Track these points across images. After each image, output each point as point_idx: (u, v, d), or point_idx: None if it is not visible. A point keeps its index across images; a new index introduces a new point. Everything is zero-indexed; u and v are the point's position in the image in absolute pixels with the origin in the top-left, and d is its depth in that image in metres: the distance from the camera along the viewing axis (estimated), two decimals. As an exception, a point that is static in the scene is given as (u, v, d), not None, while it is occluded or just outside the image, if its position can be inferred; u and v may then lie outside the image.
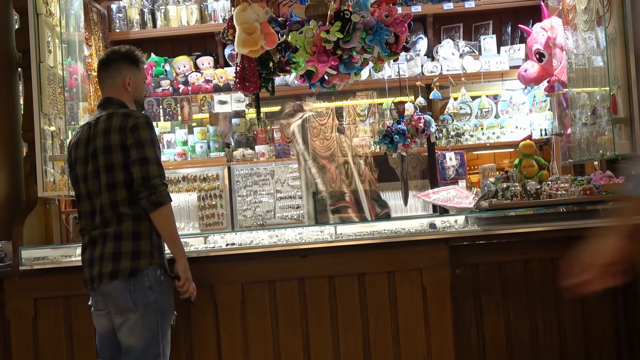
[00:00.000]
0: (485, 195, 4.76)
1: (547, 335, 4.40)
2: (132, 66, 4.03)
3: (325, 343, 4.38)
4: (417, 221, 4.70)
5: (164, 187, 3.77)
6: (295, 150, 6.43)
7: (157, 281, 3.77)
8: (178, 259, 3.86)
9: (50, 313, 4.42)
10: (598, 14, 4.93)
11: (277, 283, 4.40)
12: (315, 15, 4.60)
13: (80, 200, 3.91)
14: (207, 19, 7.46)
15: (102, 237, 3.77)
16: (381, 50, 4.44)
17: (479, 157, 8.03)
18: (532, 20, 6.96)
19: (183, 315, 4.18)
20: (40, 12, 4.87)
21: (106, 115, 3.85)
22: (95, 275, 3.77)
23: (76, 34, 5.66)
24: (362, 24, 4.37)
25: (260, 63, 4.65)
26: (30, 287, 4.41)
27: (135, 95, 4.04)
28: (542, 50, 6.12)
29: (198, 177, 7.27)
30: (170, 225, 3.82)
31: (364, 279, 4.38)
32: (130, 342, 3.75)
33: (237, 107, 7.28)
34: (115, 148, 3.76)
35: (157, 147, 3.82)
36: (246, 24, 4.35)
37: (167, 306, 3.83)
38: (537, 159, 4.90)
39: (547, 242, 4.35)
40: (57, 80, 5.08)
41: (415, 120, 6.24)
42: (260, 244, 4.50)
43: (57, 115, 5.08)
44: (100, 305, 3.86)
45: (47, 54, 4.93)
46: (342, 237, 4.48)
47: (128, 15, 7.40)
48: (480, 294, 4.44)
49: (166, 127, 7.45)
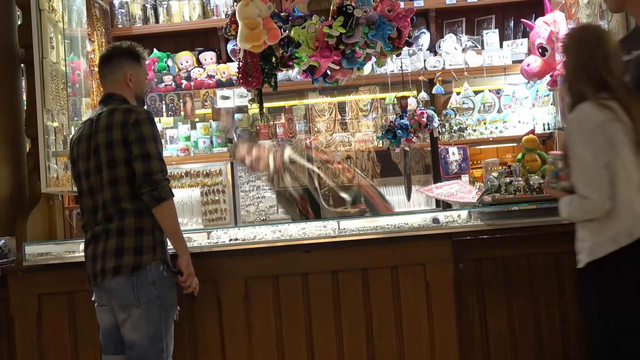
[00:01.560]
0: (488, 190, 4.76)
1: (550, 329, 4.40)
2: (134, 62, 4.04)
3: (329, 338, 4.38)
4: (420, 216, 4.70)
5: (166, 182, 3.77)
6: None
7: (160, 276, 3.78)
8: (181, 254, 3.86)
9: (54, 308, 4.43)
10: (601, 8, 4.93)
11: (281, 278, 4.40)
12: (318, 10, 4.60)
13: (82, 196, 3.92)
14: (210, 14, 7.45)
15: (105, 233, 3.78)
16: (384, 45, 4.44)
17: (482, 152, 8.01)
18: (534, 14, 6.95)
19: (186, 311, 4.18)
20: (42, 8, 4.87)
21: (108, 111, 3.85)
22: (98, 271, 3.78)
23: (79, 29, 5.67)
24: (365, 19, 4.37)
25: (263, 58, 4.65)
26: (34, 283, 4.42)
27: (136, 91, 4.04)
28: (545, 45, 6.11)
29: (201, 172, 7.26)
30: (173, 220, 3.83)
31: (367, 274, 4.38)
32: (133, 338, 3.76)
33: (240, 103, 7.27)
34: (117, 144, 3.76)
35: (159, 143, 3.83)
36: (249, 19, 4.35)
37: (170, 301, 3.83)
38: (540, 153, 4.89)
39: (550, 236, 4.34)
40: (59, 76, 5.09)
41: (418, 115, 6.23)
42: (264, 239, 4.50)
43: (60, 111, 5.09)
44: (104, 301, 3.87)
45: (49, 49, 4.94)
46: (346, 232, 4.49)
47: (130, 11, 7.39)
48: (484, 289, 4.44)
49: (169, 122, 7.45)
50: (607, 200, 3.08)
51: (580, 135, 3.15)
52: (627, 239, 3.08)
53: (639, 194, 3.09)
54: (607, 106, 3.11)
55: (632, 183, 3.09)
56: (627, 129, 3.09)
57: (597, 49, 3.18)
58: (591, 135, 3.11)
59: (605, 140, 3.09)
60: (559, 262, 4.40)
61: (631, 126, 3.09)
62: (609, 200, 3.08)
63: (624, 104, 3.12)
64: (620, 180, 3.09)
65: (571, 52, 3.27)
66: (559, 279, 4.41)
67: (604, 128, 3.10)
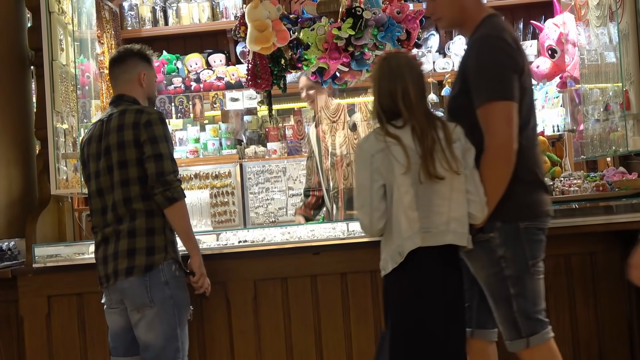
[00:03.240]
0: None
1: (560, 331, 4.38)
2: (146, 63, 4.05)
3: (338, 340, 4.38)
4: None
5: (178, 182, 3.77)
6: (309, 149, 6.40)
7: (172, 276, 3.77)
8: (193, 255, 3.86)
9: (64, 310, 4.44)
10: (610, 10, 4.91)
11: (290, 280, 4.40)
12: (327, 12, 4.61)
13: (92, 197, 3.92)
14: (219, 16, 7.47)
15: (116, 234, 3.78)
16: (393, 47, 4.44)
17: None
18: (544, 16, 6.93)
19: (196, 312, 4.18)
20: (52, 10, 4.88)
21: (119, 112, 3.85)
22: (110, 273, 3.78)
23: (88, 31, 5.68)
24: (374, 21, 4.37)
25: (272, 60, 4.66)
26: (44, 285, 4.43)
27: (148, 92, 4.05)
28: (555, 47, 6.09)
29: (210, 174, 7.26)
30: (185, 221, 3.82)
31: (375, 276, 4.37)
32: (148, 338, 3.75)
33: (249, 104, 7.28)
34: (128, 144, 3.76)
35: (170, 143, 3.83)
36: (258, 21, 4.36)
37: (183, 301, 3.83)
38: (550, 155, 4.88)
39: (559, 238, 4.32)
40: (69, 78, 5.10)
41: (427, 116, 6.21)
42: (273, 241, 4.49)
43: (70, 113, 5.10)
44: (114, 303, 3.85)
45: (59, 52, 4.95)
46: (354, 234, 4.48)
47: (140, 13, 7.42)
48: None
49: (178, 124, 7.46)
50: (377, 222, 3.24)
51: (360, 160, 3.31)
52: (398, 257, 3.22)
53: (406, 216, 3.19)
54: (392, 134, 3.24)
55: (403, 205, 3.19)
56: (410, 154, 3.20)
57: (394, 80, 3.28)
58: (369, 160, 3.24)
59: (383, 165, 3.22)
60: (569, 264, 4.39)
61: (417, 151, 3.20)
62: (379, 221, 3.24)
63: (418, 131, 3.23)
64: (394, 202, 3.21)
65: (373, 82, 3.36)
66: (569, 281, 4.40)
67: (384, 153, 3.22)
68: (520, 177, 3.30)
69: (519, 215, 3.32)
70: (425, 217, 3.21)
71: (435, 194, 3.22)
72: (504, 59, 3.31)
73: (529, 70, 3.52)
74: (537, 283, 3.37)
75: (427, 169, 3.19)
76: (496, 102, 3.25)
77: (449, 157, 3.21)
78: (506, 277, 3.32)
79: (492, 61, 3.32)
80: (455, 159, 3.22)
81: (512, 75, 3.29)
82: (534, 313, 3.35)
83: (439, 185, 3.21)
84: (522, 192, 3.33)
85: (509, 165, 3.25)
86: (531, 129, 3.42)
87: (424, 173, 3.19)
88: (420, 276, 3.22)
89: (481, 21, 3.50)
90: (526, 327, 3.34)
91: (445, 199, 3.22)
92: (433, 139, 3.22)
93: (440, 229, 3.22)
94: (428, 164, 3.19)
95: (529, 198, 3.36)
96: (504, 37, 3.38)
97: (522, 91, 3.32)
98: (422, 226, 3.20)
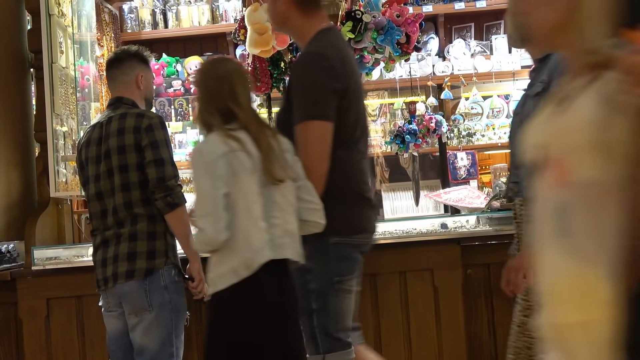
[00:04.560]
0: (496, 195, 4.76)
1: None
2: (143, 64, 4.04)
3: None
4: (429, 221, 4.70)
5: (179, 188, 3.76)
6: None
7: (171, 281, 3.77)
8: (193, 260, 3.85)
9: (63, 313, 4.44)
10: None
11: (289, 283, 4.40)
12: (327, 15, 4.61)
13: (90, 201, 3.90)
14: (219, 19, 7.46)
15: (116, 238, 3.76)
16: (392, 50, 4.45)
17: (491, 157, 7.99)
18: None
19: (195, 315, 4.19)
20: (52, 13, 4.89)
21: (119, 115, 3.83)
22: (109, 276, 3.76)
23: (88, 34, 5.69)
24: (374, 24, 4.38)
25: (272, 63, 4.67)
26: (43, 287, 4.44)
27: (146, 94, 4.04)
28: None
29: (209, 177, 7.26)
30: (185, 226, 3.81)
31: (375, 279, 4.38)
32: (145, 342, 3.74)
33: (249, 107, 7.28)
34: (129, 148, 3.74)
35: (170, 148, 3.82)
36: (258, 24, 4.36)
37: (181, 306, 3.82)
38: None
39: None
40: (69, 81, 5.11)
41: (427, 120, 6.23)
42: (272, 244, 4.48)
43: (69, 116, 5.11)
44: (112, 307, 3.84)
45: (59, 54, 4.96)
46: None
47: (139, 16, 7.41)
48: (492, 294, 4.43)
49: (178, 127, 7.45)
50: (222, 231, 2.99)
51: (200, 166, 3.08)
52: (245, 271, 2.99)
53: (256, 226, 3.03)
54: (233, 136, 3.07)
55: (252, 214, 3.02)
56: (253, 159, 3.05)
57: (222, 80, 3.16)
58: (211, 165, 3.03)
59: (227, 171, 3.02)
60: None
61: (258, 156, 3.06)
62: (224, 231, 2.99)
63: (253, 135, 3.09)
64: (240, 211, 3.01)
65: (199, 85, 3.24)
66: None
67: (227, 158, 3.03)
68: (335, 193, 3.23)
69: (329, 230, 3.21)
70: (268, 228, 3.06)
71: (274, 205, 3.08)
72: (323, 78, 3.22)
73: (358, 86, 3.43)
74: (342, 302, 3.30)
75: (270, 173, 3.05)
76: (310, 121, 3.20)
77: (284, 164, 3.10)
78: (310, 290, 3.24)
79: (310, 80, 3.24)
80: (290, 167, 3.13)
81: (329, 95, 3.21)
82: (334, 331, 3.27)
83: (276, 196, 3.07)
84: (336, 207, 3.23)
85: (318, 183, 3.19)
86: (357, 145, 3.36)
87: (267, 177, 3.05)
88: (258, 289, 3.02)
89: (313, 36, 3.39)
90: (325, 344, 3.26)
91: (281, 211, 3.10)
92: (269, 144, 3.10)
93: (278, 241, 3.07)
94: (270, 167, 3.06)
95: (343, 213, 3.28)
96: (328, 54, 3.27)
97: (345, 109, 3.25)
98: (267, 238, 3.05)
